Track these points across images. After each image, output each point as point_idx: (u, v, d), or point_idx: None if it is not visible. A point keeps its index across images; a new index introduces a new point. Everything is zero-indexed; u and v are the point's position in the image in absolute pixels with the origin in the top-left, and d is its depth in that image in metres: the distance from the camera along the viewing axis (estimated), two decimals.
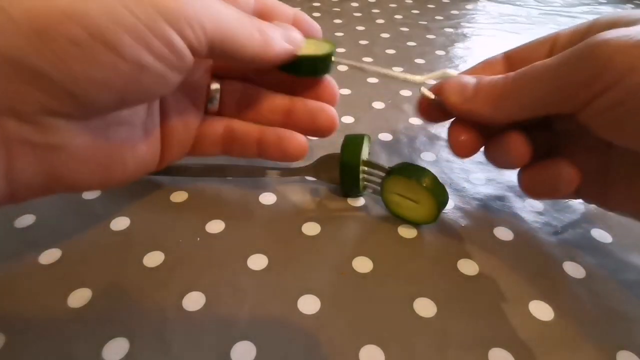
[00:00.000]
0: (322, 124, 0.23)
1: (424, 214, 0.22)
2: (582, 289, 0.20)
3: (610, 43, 0.16)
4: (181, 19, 0.14)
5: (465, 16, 0.52)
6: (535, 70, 0.18)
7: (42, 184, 0.15)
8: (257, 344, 0.18)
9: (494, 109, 0.20)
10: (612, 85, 0.16)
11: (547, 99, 0.18)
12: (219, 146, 0.23)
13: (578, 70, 0.17)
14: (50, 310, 0.19)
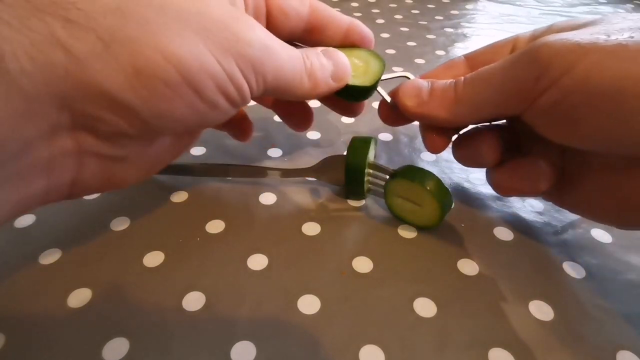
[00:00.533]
0: None
1: (427, 217, 0.22)
2: (582, 289, 0.20)
3: (551, 45, 0.16)
4: (252, 70, 0.16)
5: (465, 16, 0.52)
6: (484, 73, 0.19)
7: (96, 187, 0.16)
8: (257, 344, 0.18)
9: (447, 113, 0.20)
10: (550, 86, 0.16)
11: (496, 102, 0.19)
12: None
13: (522, 72, 0.17)
14: (50, 310, 0.19)
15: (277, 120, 0.32)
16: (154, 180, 0.26)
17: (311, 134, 0.30)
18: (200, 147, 0.29)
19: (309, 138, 0.30)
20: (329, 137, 0.30)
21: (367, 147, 0.23)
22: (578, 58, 0.16)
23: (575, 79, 0.16)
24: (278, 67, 0.17)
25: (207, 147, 0.29)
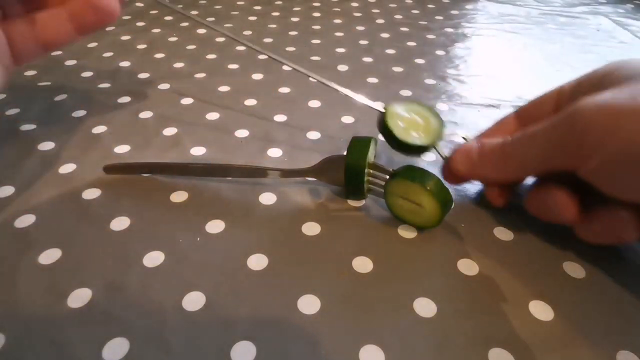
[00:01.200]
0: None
1: (427, 217, 0.22)
2: (582, 289, 0.20)
3: (587, 113, 0.17)
4: None
5: (465, 16, 0.52)
6: (527, 136, 0.20)
7: None
8: (257, 344, 0.18)
9: (496, 172, 0.22)
10: (596, 150, 0.17)
11: (544, 161, 0.20)
12: (32, 41, 0.23)
13: (562, 137, 0.18)
14: (50, 310, 0.19)
15: (277, 120, 0.32)
16: (154, 180, 0.26)
17: (311, 134, 0.30)
18: (200, 147, 0.29)
19: (309, 138, 0.30)
20: (329, 137, 0.30)
21: (367, 147, 0.23)
22: (616, 124, 0.16)
23: (617, 146, 0.16)
24: None
25: (207, 147, 0.29)
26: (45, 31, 0.23)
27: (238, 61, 0.40)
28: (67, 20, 0.23)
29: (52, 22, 0.23)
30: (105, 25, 0.24)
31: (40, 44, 0.24)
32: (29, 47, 0.23)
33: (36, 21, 0.23)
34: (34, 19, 0.23)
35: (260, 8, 0.52)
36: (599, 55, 0.43)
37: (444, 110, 0.34)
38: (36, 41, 0.24)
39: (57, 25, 0.23)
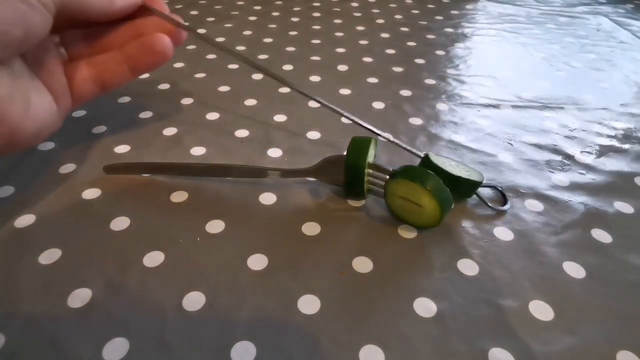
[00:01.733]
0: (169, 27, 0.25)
1: (427, 217, 0.22)
2: (582, 289, 0.20)
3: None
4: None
5: (465, 16, 0.52)
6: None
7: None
8: (257, 344, 0.18)
9: None
10: None
11: None
12: (91, 83, 0.24)
13: None
14: (50, 310, 0.19)
15: (277, 120, 0.32)
16: (154, 180, 0.26)
17: (311, 134, 0.30)
18: (200, 147, 0.29)
19: (309, 138, 0.30)
20: (329, 137, 0.30)
21: (367, 147, 0.23)
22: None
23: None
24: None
25: (207, 147, 0.29)
26: (104, 73, 0.25)
27: (238, 61, 0.40)
28: (124, 62, 0.25)
29: (110, 64, 0.25)
30: (159, 66, 0.25)
31: (98, 85, 0.25)
32: (88, 88, 0.24)
33: (96, 63, 0.24)
34: (94, 61, 0.25)
35: (260, 8, 0.52)
36: (599, 55, 0.43)
37: (444, 110, 0.34)
38: (94, 83, 0.24)
39: (114, 67, 0.25)
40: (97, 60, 0.25)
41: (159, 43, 0.24)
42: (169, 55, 0.25)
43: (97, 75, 0.25)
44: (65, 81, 0.24)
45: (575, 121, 0.33)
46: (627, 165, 0.29)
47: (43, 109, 0.21)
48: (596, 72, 0.40)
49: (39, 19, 0.19)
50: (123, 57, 0.25)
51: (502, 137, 0.31)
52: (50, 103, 0.22)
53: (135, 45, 0.25)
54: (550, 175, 0.27)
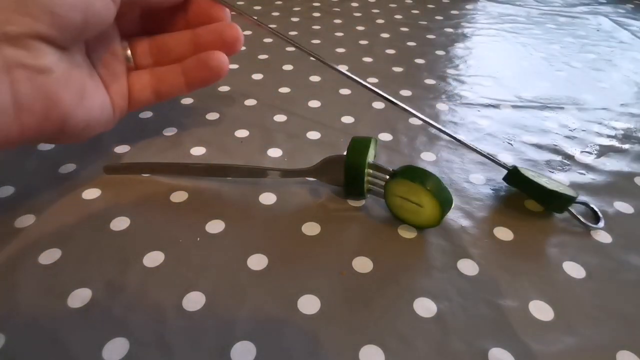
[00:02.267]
0: (228, 37, 0.26)
1: (427, 217, 0.22)
2: (582, 289, 0.20)
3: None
4: None
5: (465, 16, 0.52)
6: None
7: (41, 112, 0.18)
8: (257, 344, 0.18)
9: None
10: None
11: None
12: (150, 91, 0.26)
13: None
14: (50, 310, 0.19)
15: (277, 120, 0.32)
16: (154, 180, 0.26)
17: (311, 134, 0.30)
18: (200, 147, 0.29)
19: (309, 138, 0.30)
20: (329, 137, 0.30)
21: (367, 147, 0.23)
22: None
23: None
24: None
25: (207, 147, 0.29)
26: (161, 83, 0.26)
27: (238, 61, 0.40)
28: (181, 74, 0.26)
29: (168, 76, 0.26)
30: (213, 82, 0.26)
31: (154, 94, 0.26)
32: (145, 96, 0.26)
33: (157, 74, 0.26)
34: (156, 72, 0.26)
35: (260, 8, 0.52)
36: (599, 55, 0.43)
37: (444, 110, 0.34)
38: (152, 91, 0.26)
39: (172, 78, 0.26)
40: (159, 72, 0.26)
41: (214, 59, 0.25)
42: (223, 72, 0.26)
43: (155, 85, 0.26)
44: (126, 86, 0.25)
45: (575, 121, 0.33)
46: (627, 165, 0.29)
47: (97, 103, 0.22)
48: (596, 72, 0.40)
49: (100, 4, 0.19)
50: (181, 70, 0.26)
51: (502, 137, 0.31)
52: (104, 100, 0.23)
53: (193, 60, 0.26)
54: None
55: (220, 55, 0.25)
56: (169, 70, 0.26)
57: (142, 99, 0.26)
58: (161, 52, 0.26)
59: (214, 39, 0.26)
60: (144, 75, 0.26)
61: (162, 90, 0.26)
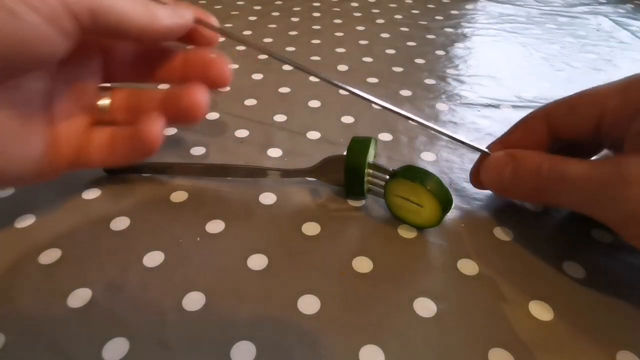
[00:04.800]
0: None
1: (427, 217, 0.22)
2: (582, 289, 0.20)
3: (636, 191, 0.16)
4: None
5: (465, 16, 0.52)
6: (566, 177, 0.19)
7: None
8: (257, 344, 0.18)
9: (526, 198, 0.22)
10: None
11: (580, 208, 0.19)
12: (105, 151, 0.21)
13: (606, 203, 0.18)
14: (50, 310, 0.19)
15: (277, 120, 0.32)
16: (154, 180, 0.26)
17: (311, 134, 0.30)
18: (200, 147, 0.29)
19: (309, 138, 0.30)
20: (329, 137, 0.30)
21: (367, 147, 0.23)
22: None
23: None
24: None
25: (207, 147, 0.29)
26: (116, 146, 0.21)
27: (238, 61, 0.40)
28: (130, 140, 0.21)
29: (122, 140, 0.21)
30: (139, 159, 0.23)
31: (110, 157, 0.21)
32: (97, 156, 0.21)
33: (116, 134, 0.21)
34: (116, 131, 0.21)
35: (260, 8, 0.52)
36: (599, 55, 0.43)
37: (444, 110, 0.34)
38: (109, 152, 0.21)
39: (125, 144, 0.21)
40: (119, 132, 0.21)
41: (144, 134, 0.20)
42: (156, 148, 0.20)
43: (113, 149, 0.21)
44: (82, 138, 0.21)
45: None
46: None
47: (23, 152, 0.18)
48: (596, 72, 0.40)
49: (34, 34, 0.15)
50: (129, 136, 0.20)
51: None
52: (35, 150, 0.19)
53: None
54: None
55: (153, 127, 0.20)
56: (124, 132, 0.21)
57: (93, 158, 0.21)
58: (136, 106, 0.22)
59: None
60: (105, 133, 0.21)
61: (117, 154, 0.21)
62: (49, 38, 0.16)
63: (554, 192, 0.19)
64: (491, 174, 0.22)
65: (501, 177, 0.21)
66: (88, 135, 0.21)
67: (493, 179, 0.22)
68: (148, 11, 0.19)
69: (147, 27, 0.19)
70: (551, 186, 0.19)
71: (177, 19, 0.20)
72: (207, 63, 0.21)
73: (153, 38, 0.19)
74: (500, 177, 0.21)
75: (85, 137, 0.21)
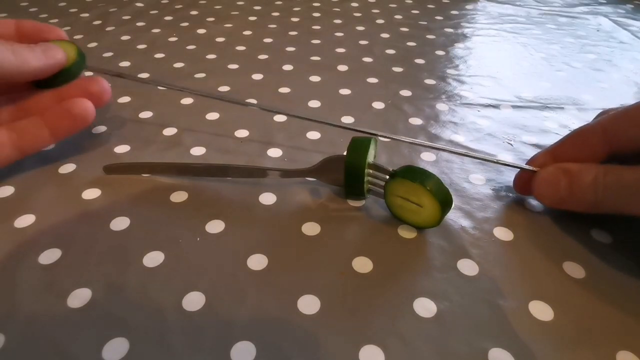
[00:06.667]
0: (95, 90, 0.26)
1: (427, 217, 0.22)
2: (582, 288, 0.20)
3: None
4: None
5: (465, 16, 0.52)
6: (625, 187, 0.19)
7: None
8: (257, 344, 0.18)
9: (583, 210, 0.21)
10: None
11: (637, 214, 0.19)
12: (10, 148, 0.24)
13: None
14: (50, 310, 0.19)
15: (277, 121, 0.32)
16: (154, 180, 0.26)
17: (311, 134, 0.30)
18: (200, 147, 0.29)
19: (309, 138, 0.30)
20: (329, 137, 0.30)
21: (367, 147, 0.23)
22: None
23: None
24: None
25: (207, 147, 0.29)
26: (24, 138, 0.25)
27: (238, 61, 0.40)
28: (45, 126, 0.25)
29: (30, 129, 0.25)
30: (80, 129, 0.26)
31: (17, 150, 0.25)
32: (5, 152, 0.24)
33: (16, 128, 0.25)
34: (14, 127, 0.25)
35: (260, 8, 0.52)
36: (599, 56, 0.43)
37: (444, 110, 0.34)
38: (13, 147, 0.25)
39: (35, 132, 0.25)
40: (18, 126, 0.25)
41: (77, 107, 0.25)
42: (89, 119, 0.25)
43: (17, 141, 0.25)
44: None
45: (575, 121, 0.33)
46: None
47: None
48: (596, 72, 0.40)
49: None
50: (44, 123, 0.25)
51: (502, 137, 0.31)
52: None
53: (56, 109, 0.25)
54: None
55: (84, 102, 0.25)
56: (30, 124, 0.25)
57: (2, 157, 0.24)
58: (18, 106, 0.26)
59: (79, 93, 0.26)
60: (2, 132, 0.24)
61: (24, 145, 0.25)
62: None
63: (613, 201, 0.19)
64: (545, 190, 0.22)
65: (557, 193, 0.21)
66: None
67: (548, 195, 0.22)
68: (18, 57, 0.23)
69: (17, 70, 0.23)
70: (609, 196, 0.19)
71: (47, 60, 0.24)
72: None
73: (24, 78, 0.24)
74: (556, 193, 0.21)
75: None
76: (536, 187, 0.22)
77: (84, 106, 0.25)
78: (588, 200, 0.20)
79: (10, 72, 0.23)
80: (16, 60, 0.23)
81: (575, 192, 0.21)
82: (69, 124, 0.25)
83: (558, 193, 0.21)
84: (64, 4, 0.52)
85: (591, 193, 0.20)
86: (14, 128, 0.25)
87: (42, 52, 0.24)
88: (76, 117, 0.25)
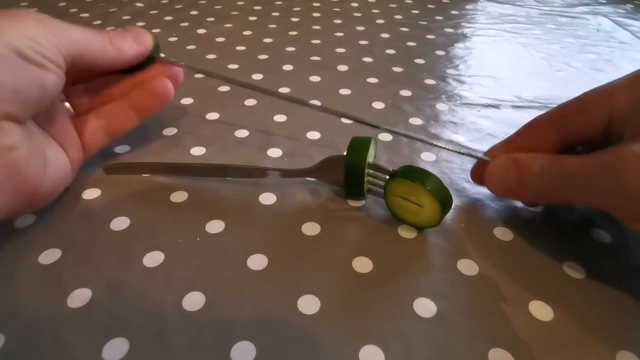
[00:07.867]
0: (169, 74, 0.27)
1: (427, 217, 0.22)
2: (582, 289, 0.20)
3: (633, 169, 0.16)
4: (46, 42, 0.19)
5: (465, 16, 0.52)
6: (566, 173, 0.19)
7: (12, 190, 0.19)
8: (257, 344, 0.18)
9: (532, 199, 0.23)
10: None
11: (582, 200, 0.20)
12: (102, 134, 0.25)
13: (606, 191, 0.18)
14: (50, 310, 0.19)
15: (277, 121, 0.32)
16: (154, 180, 0.26)
17: (311, 134, 0.30)
18: (200, 147, 0.29)
19: (309, 138, 0.30)
20: (329, 137, 0.30)
21: (367, 147, 0.23)
22: None
23: None
24: (74, 39, 0.21)
25: (207, 147, 0.29)
26: (113, 122, 0.26)
27: (238, 61, 0.40)
28: (130, 109, 0.26)
29: (117, 113, 0.26)
30: (163, 107, 0.27)
31: (108, 135, 0.26)
32: (98, 140, 0.25)
33: (104, 114, 0.26)
34: (102, 112, 0.26)
35: (260, 8, 0.52)
36: (599, 55, 0.43)
37: (444, 110, 0.34)
38: (105, 133, 0.26)
39: (122, 115, 0.26)
40: (105, 111, 0.26)
41: (160, 86, 0.26)
42: (170, 96, 0.27)
43: (106, 126, 0.26)
44: (76, 136, 0.24)
45: None
46: None
47: (59, 166, 0.22)
48: (596, 72, 0.40)
49: (53, 79, 0.20)
50: (129, 105, 0.26)
51: (502, 137, 0.31)
52: (64, 160, 0.22)
53: (139, 91, 0.26)
54: None
55: (165, 81, 0.26)
56: (117, 107, 0.26)
57: (97, 143, 0.25)
58: (99, 92, 0.26)
59: (157, 76, 0.27)
60: (91, 119, 0.25)
61: (115, 129, 0.26)
62: (58, 79, 0.20)
63: (558, 190, 0.20)
64: (495, 180, 0.22)
65: (506, 183, 0.21)
66: (78, 132, 0.25)
67: (498, 185, 0.22)
68: (116, 48, 0.23)
69: (115, 61, 0.24)
70: (555, 185, 0.19)
71: (139, 47, 0.25)
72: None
73: (120, 68, 0.25)
74: (505, 182, 0.21)
75: (77, 134, 0.24)
76: (487, 177, 0.22)
77: (166, 84, 0.26)
78: (535, 190, 0.20)
79: (109, 64, 0.23)
80: (115, 52, 0.23)
81: (523, 182, 0.21)
82: (153, 103, 0.26)
83: (507, 183, 0.21)
84: (64, 4, 0.52)
85: (537, 182, 0.20)
86: (101, 114, 0.26)
87: (133, 40, 0.25)
88: (160, 96, 0.26)
